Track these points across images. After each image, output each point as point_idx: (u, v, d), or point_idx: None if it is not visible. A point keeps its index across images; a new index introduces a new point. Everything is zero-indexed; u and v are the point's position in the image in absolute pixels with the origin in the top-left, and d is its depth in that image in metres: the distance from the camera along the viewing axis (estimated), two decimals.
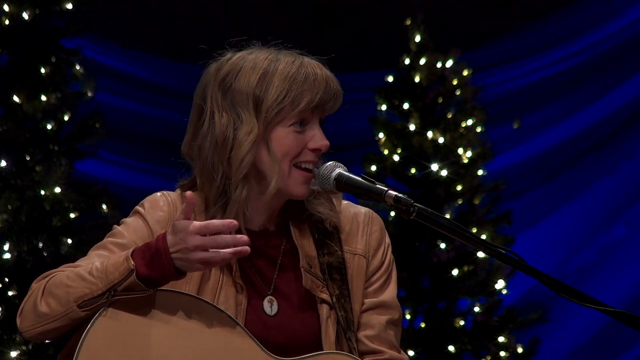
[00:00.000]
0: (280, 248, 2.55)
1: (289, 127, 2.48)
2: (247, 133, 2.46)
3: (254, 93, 2.47)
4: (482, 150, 7.88)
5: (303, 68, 2.48)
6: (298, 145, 2.48)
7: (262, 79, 2.47)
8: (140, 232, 2.49)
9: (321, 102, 2.48)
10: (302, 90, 2.46)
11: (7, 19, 6.63)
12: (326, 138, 2.50)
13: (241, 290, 2.48)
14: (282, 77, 2.47)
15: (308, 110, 2.47)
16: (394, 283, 2.62)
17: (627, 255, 9.91)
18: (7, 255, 6.33)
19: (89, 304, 2.32)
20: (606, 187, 10.14)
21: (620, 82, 10.20)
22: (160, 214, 2.52)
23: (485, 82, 8.71)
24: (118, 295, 2.32)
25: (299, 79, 2.47)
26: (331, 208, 2.57)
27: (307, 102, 2.46)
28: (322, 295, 2.51)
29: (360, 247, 2.59)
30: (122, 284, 2.31)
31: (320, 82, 2.48)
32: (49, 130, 6.66)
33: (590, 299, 2.23)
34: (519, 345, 7.63)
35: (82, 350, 2.28)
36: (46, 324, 2.38)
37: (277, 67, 2.48)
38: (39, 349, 6.22)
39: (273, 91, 2.46)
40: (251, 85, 2.48)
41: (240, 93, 2.48)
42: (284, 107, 2.46)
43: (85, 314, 2.33)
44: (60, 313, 2.35)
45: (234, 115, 2.48)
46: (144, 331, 2.33)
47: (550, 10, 10.22)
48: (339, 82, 2.54)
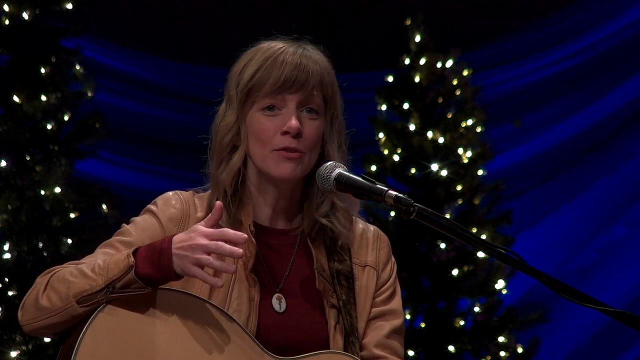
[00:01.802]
0: (294, 248, 2.56)
1: (259, 112, 2.49)
2: (227, 117, 2.51)
3: (237, 80, 2.51)
4: (482, 150, 7.88)
5: (280, 52, 2.49)
6: (269, 131, 2.48)
7: (245, 66, 2.51)
8: (149, 231, 2.49)
9: (287, 83, 2.46)
10: (269, 72, 2.47)
11: (7, 19, 6.63)
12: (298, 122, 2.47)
13: (254, 284, 2.49)
14: (255, 60, 2.49)
15: (274, 92, 2.47)
16: (399, 296, 2.64)
17: (627, 255, 9.91)
18: (7, 255, 6.33)
19: (88, 300, 2.33)
20: (606, 187, 10.14)
21: (620, 82, 10.21)
22: (173, 211, 2.52)
23: (485, 82, 8.71)
24: (116, 292, 2.32)
25: (270, 61, 2.48)
26: (348, 228, 2.58)
27: (271, 82, 2.46)
28: (332, 300, 2.53)
29: (371, 259, 2.61)
30: (120, 280, 2.32)
31: (289, 63, 2.47)
32: (49, 130, 6.66)
33: (590, 299, 2.23)
34: (519, 345, 7.63)
35: (82, 347, 2.28)
36: (45, 319, 2.38)
37: (259, 52, 2.51)
38: (39, 349, 6.22)
39: (246, 74, 2.49)
40: (237, 71, 2.52)
41: (230, 80, 2.54)
42: (252, 87, 2.47)
43: (83, 310, 2.33)
44: (59, 308, 2.36)
45: (228, 103, 2.54)
46: (143, 329, 2.33)
47: (550, 10, 10.22)
48: (329, 70, 2.53)
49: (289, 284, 2.53)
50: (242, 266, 2.49)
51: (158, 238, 2.43)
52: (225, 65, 2.60)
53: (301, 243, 2.57)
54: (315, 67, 2.50)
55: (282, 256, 2.55)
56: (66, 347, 2.33)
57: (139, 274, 2.32)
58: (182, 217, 2.52)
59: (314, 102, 2.51)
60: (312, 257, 2.55)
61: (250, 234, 2.50)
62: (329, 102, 2.55)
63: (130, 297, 2.33)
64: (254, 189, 2.54)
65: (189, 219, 2.52)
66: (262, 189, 2.54)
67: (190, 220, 2.51)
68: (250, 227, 2.51)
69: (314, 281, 2.54)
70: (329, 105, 2.55)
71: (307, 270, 2.55)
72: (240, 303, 2.46)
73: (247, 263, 2.49)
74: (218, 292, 2.45)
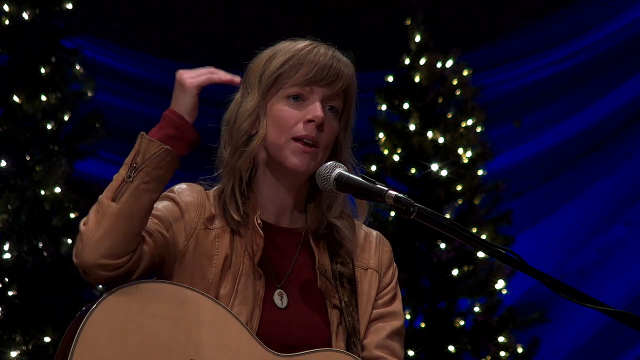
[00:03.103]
0: (298, 246, 2.58)
1: (284, 99, 2.51)
2: (247, 103, 2.52)
3: (262, 69, 2.53)
4: (482, 150, 7.88)
5: (311, 47, 2.53)
6: (292, 118, 2.50)
7: (272, 56, 2.53)
8: (172, 213, 2.50)
9: (318, 76, 2.49)
10: (301, 63, 2.50)
11: (7, 19, 6.64)
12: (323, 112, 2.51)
13: (259, 277, 2.50)
14: (285, 51, 2.52)
15: (303, 82, 2.49)
16: (400, 299, 2.66)
17: (627, 255, 9.91)
18: (7, 255, 6.33)
19: (120, 192, 2.33)
20: (606, 187, 10.13)
21: (620, 82, 10.20)
22: (190, 198, 2.54)
23: (485, 82, 8.70)
24: (142, 167, 2.34)
25: (302, 53, 2.50)
26: (351, 233, 2.60)
27: (302, 73, 2.49)
28: (334, 301, 2.54)
29: (374, 262, 2.63)
30: (139, 154, 2.35)
31: (321, 59, 2.50)
32: (49, 130, 6.66)
33: (590, 299, 2.23)
34: (519, 345, 7.63)
35: (80, 339, 2.28)
36: (98, 237, 2.32)
37: (287, 46, 2.54)
38: (39, 349, 6.21)
39: (274, 63, 2.51)
40: (261, 62, 2.54)
41: (253, 71, 2.55)
42: (281, 74, 2.50)
43: (121, 206, 2.31)
44: (100, 218, 2.32)
45: (246, 92, 2.54)
46: (143, 321, 2.34)
47: (550, 10, 10.22)
48: (355, 73, 2.57)
49: (291, 281, 2.55)
50: (250, 259, 2.50)
51: (178, 221, 2.47)
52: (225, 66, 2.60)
53: (305, 243, 2.59)
54: (346, 69, 2.54)
55: (285, 254, 2.57)
56: (66, 338, 2.33)
57: (150, 135, 2.37)
58: (199, 204, 2.53)
59: (337, 102, 2.54)
60: (315, 257, 2.56)
61: (258, 227, 2.51)
62: (346, 108, 2.58)
63: (129, 290, 2.33)
64: (262, 185, 2.56)
65: (205, 207, 2.53)
66: (271, 184, 2.55)
67: (205, 210, 2.53)
68: (257, 219, 2.52)
69: (316, 281, 2.55)
70: (346, 110, 2.59)
71: (309, 270, 2.57)
72: (246, 296, 2.47)
73: (254, 256, 2.50)
74: (226, 283, 2.47)
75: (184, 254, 2.48)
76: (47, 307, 6.17)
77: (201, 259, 2.48)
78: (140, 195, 2.33)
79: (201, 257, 2.48)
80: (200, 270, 2.46)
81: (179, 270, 2.46)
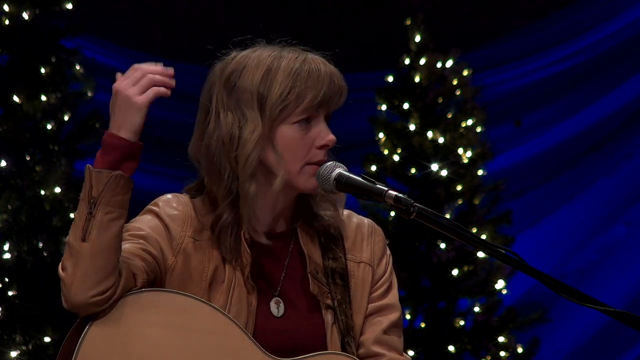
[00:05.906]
0: (288, 250, 2.55)
1: (293, 125, 2.46)
2: (251, 131, 2.44)
3: (258, 90, 2.45)
4: (482, 150, 7.88)
5: (307, 64, 2.46)
6: (305, 144, 2.46)
7: (266, 76, 2.45)
8: (157, 229, 2.47)
9: (325, 98, 2.45)
10: (306, 87, 2.44)
11: (7, 19, 6.63)
12: (332, 132, 2.48)
13: (252, 290, 2.48)
14: (285, 73, 2.44)
15: (313, 107, 2.45)
16: (395, 289, 2.63)
17: (627, 255, 9.91)
18: (7, 255, 6.33)
19: (87, 230, 2.28)
20: (606, 187, 10.14)
21: (620, 82, 10.20)
22: (175, 212, 2.50)
23: (485, 82, 8.70)
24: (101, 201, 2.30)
25: (303, 75, 2.44)
26: (334, 211, 2.57)
27: (311, 99, 2.44)
28: (328, 302, 2.52)
29: (366, 255, 2.60)
30: (93, 188, 2.31)
31: (324, 77, 2.46)
32: (49, 130, 6.66)
33: (590, 299, 2.23)
34: (519, 345, 7.63)
35: (81, 352, 2.27)
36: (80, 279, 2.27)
37: (281, 63, 2.46)
38: (39, 349, 6.21)
39: (277, 88, 2.44)
40: (255, 82, 2.45)
41: (244, 91, 2.46)
42: (288, 103, 2.44)
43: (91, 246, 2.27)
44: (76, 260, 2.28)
45: (239, 114, 2.46)
46: (141, 331, 2.33)
47: (550, 10, 10.22)
48: (343, 77, 2.53)
49: (285, 287, 2.52)
50: (241, 272, 2.48)
51: (163, 237, 2.44)
52: None
53: (295, 245, 2.56)
54: (342, 83, 2.51)
55: (277, 260, 2.54)
56: (65, 349, 2.32)
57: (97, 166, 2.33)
58: (185, 218, 2.50)
59: (331, 113, 2.52)
60: (306, 259, 2.54)
61: (245, 245, 2.48)
62: None
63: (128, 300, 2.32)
64: (256, 198, 2.48)
65: (191, 219, 2.50)
66: (269, 199, 2.51)
67: (192, 221, 2.50)
68: (245, 234, 2.48)
69: (309, 283, 2.53)
70: None
71: (302, 273, 2.54)
72: (239, 309, 2.45)
73: (244, 270, 2.47)
74: (219, 298, 2.45)
75: (174, 269, 2.44)
76: (47, 307, 6.16)
77: (192, 272, 2.45)
78: (108, 226, 2.29)
79: (192, 271, 2.45)
80: (191, 283, 2.43)
81: (170, 285, 2.43)
